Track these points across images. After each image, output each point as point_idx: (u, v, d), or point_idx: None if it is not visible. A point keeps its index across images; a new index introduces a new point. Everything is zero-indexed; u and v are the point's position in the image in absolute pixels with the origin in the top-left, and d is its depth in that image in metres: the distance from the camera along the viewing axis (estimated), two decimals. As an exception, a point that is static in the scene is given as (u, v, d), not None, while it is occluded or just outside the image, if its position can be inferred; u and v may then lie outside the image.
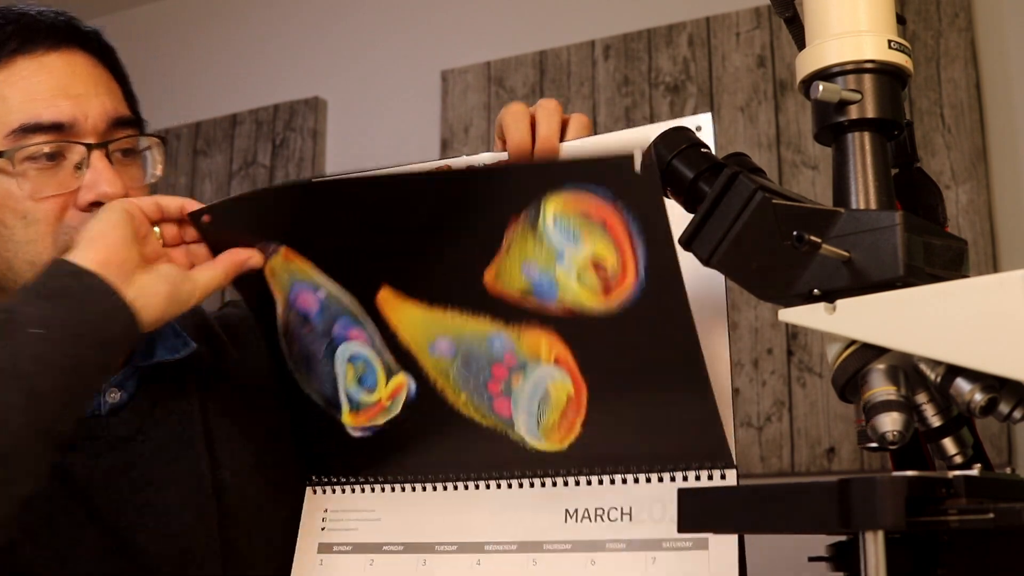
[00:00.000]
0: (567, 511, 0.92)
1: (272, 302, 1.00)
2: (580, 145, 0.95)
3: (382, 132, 3.08)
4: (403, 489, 0.98)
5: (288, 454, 1.08)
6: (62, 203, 0.98)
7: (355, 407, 0.99)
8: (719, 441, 0.87)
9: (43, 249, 0.97)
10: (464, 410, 0.94)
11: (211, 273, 0.94)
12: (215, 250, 0.97)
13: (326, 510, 1.01)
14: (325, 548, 0.99)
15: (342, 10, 3.22)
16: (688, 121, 0.88)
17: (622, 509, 0.90)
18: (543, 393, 0.91)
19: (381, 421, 0.98)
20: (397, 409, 0.97)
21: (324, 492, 1.02)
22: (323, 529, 1.00)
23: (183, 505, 1.01)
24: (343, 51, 3.20)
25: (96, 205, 0.97)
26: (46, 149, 0.97)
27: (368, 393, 0.98)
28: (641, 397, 0.89)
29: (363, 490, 1.00)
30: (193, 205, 0.95)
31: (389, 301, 0.94)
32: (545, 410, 0.91)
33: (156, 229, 0.94)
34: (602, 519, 0.90)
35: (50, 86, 0.98)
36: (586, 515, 0.91)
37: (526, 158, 0.93)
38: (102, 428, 1.00)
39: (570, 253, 0.86)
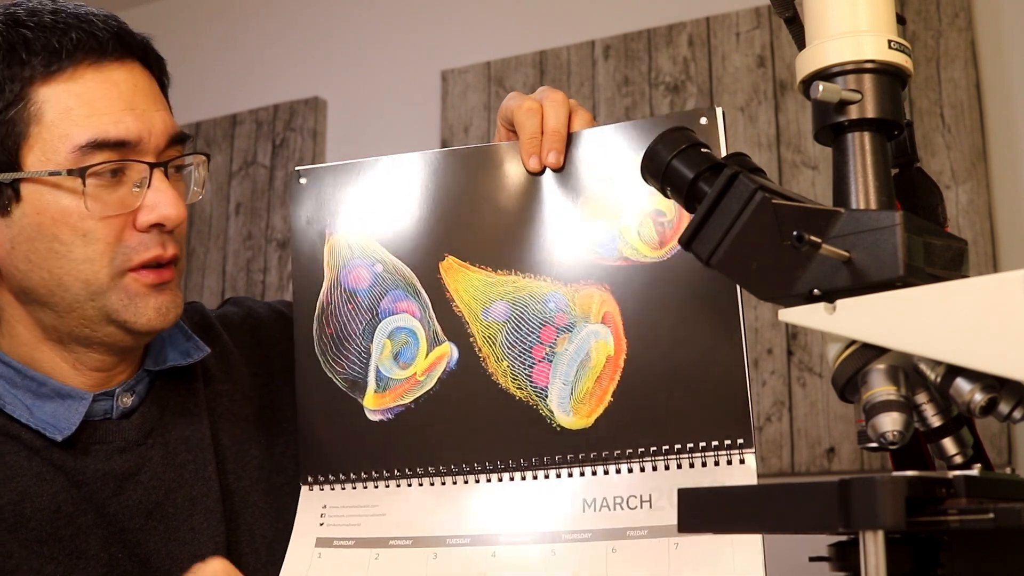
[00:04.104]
0: (584, 501, 0.91)
1: (317, 283, 1.03)
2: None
3: (382, 132, 3.08)
4: (408, 485, 0.97)
5: (292, 457, 1.08)
6: (122, 223, 0.95)
7: (382, 386, 1.00)
8: (742, 411, 0.88)
9: (99, 268, 0.95)
10: (501, 380, 0.96)
11: None
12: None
13: (324, 506, 1.00)
14: (324, 543, 0.98)
15: (342, 10, 3.23)
16: (692, 116, 0.94)
17: (641, 497, 0.90)
18: (584, 355, 0.94)
19: (408, 400, 0.99)
20: (431, 383, 0.98)
21: (322, 489, 1.00)
22: (321, 525, 0.98)
23: (191, 509, 1.01)
24: (343, 51, 3.20)
25: (156, 226, 0.96)
26: (111, 168, 0.94)
27: (402, 368, 1.00)
28: (676, 356, 0.92)
29: (364, 486, 0.98)
30: None
31: (452, 270, 1.00)
32: (582, 376, 0.94)
33: None
34: (621, 507, 0.90)
35: (116, 101, 0.95)
36: (604, 504, 0.91)
37: (538, 148, 0.99)
38: (113, 432, 1.00)
39: (635, 209, 0.96)
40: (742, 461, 0.88)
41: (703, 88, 2.67)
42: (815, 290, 0.73)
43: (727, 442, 0.89)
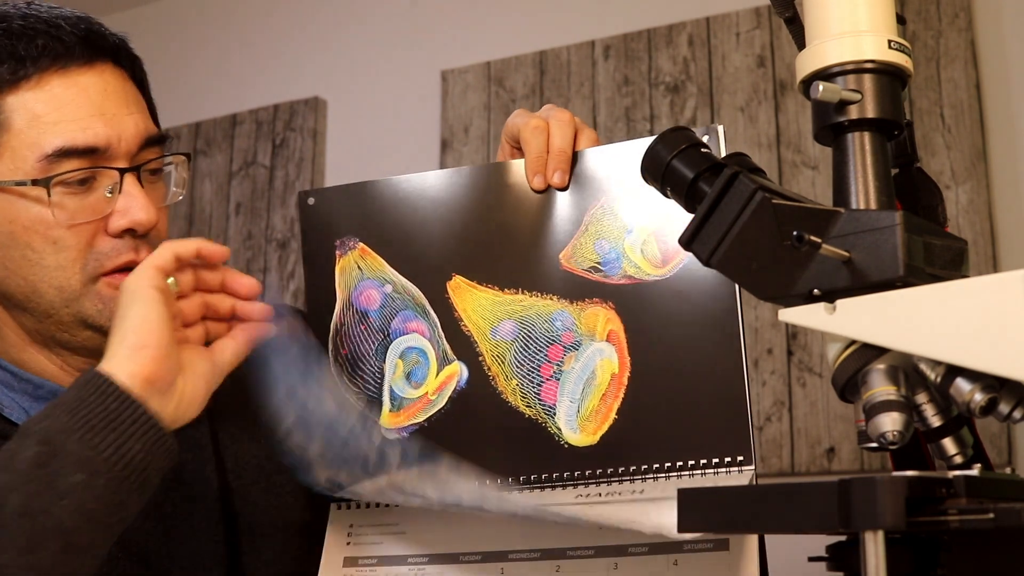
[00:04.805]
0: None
1: (331, 304, 1.04)
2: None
3: (382, 132, 3.08)
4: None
5: None
6: (93, 229, 0.95)
7: (397, 405, 1.01)
8: (743, 428, 0.90)
9: (72, 275, 0.95)
10: (511, 398, 0.97)
11: (233, 350, 0.93)
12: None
13: (351, 525, 1.02)
14: (350, 562, 1.00)
15: (342, 11, 3.23)
16: (697, 131, 0.94)
17: None
18: (590, 373, 0.96)
19: (422, 418, 1.00)
20: (443, 402, 1.00)
21: (348, 507, 1.03)
22: (348, 544, 1.00)
23: (190, 508, 1.01)
24: (343, 51, 3.20)
25: (128, 232, 0.96)
26: (80, 176, 0.94)
27: (415, 388, 1.01)
28: (679, 373, 0.93)
29: (387, 504, 1.00)
30: (208, 246, 0.91)
31: (459, 289, 1.01)
32: (588, 393, 0.95)
33: (170, 280, 0.90)
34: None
35: (84, 107, 0.94)
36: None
37: (543, 167, 1.00)
38: None
39: (639, 227, 0.97)
40: (741, 475, 0.90)
41: (703, 88, 2.67)
42: (815, 290, 0.73)
43: (727, 459, 0.90)
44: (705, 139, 0.93)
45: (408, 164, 2.90)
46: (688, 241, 0.78)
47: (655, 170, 0.82)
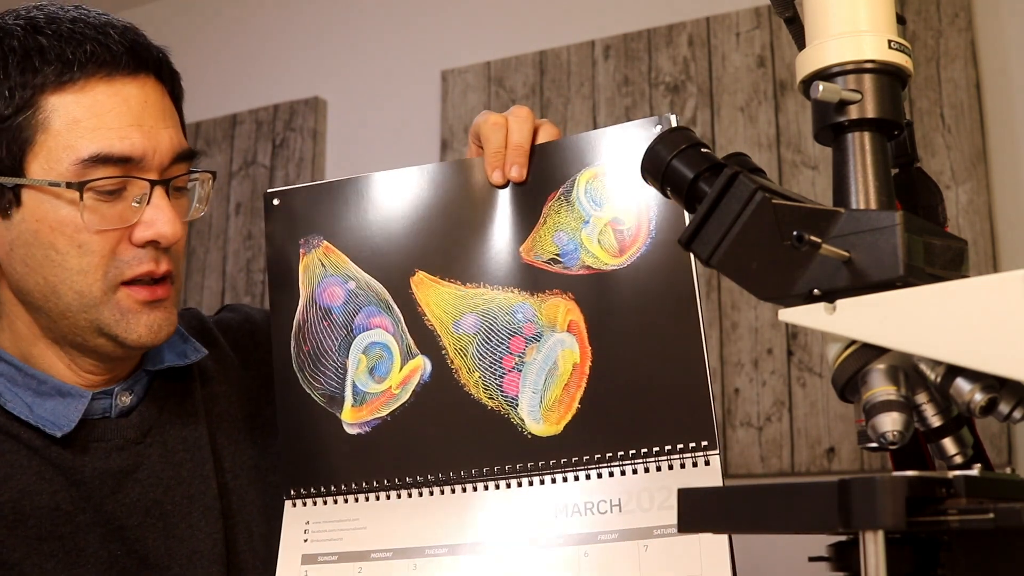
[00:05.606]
0: (556, 507, 0.93)
1: (294, 302, 1.05)
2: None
3: (382, 132, 3.08)
4: (387, 497, 0.99)
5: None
6: (118, 237, 0.96)
7: (359, 400, 1.01)
8: (705, 413, 0.91)
9: (93, 281, 0.95)
10: (474, 391, 0.98)
11: None
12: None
13: (307, 522, 1.01)
14: (309, 559, 0.99)
15: (342, 10, 3.23)
16: (647, 123, 0.97)
17: (611, 501, 0.92)
18: (552, 364, 0.96)
19: (384, 412, 1.00)
20: (406, 395, 1.00)
21: (304, 505, 1.02)
22: (306, 541, 1.00)
23: (189, 507, 1.02)
24: (343, 51, 3.20)
25: (152, 243, 0.96)
26: (112, 186, 0.94)
27: (378, 382, 1.01)
28: (639, 360, 0.94)
29: (346, 500, 1.00)
30: None
31: (422, 284, 1.02)
32: (551, 384, 0.96)
33: None
34: (592, 512, 0.92)
35: (124, 116, 0.95)
36: (576, 509, 0.93)
37: (501, 162, 1.01)
38: (112, 430, 1.01)
39: (595, 217, 0.98)
40: (707, 463, 0.91)
41: (703, 88, 2.67)
42: (815, 290, 0.73)
43: (691, 444, 0.91)
44: (657, 128, 0.95)
45: (408, 164, 2.89)
46: (688, 241, 0.78)
47: (655, 170, 0.82)
